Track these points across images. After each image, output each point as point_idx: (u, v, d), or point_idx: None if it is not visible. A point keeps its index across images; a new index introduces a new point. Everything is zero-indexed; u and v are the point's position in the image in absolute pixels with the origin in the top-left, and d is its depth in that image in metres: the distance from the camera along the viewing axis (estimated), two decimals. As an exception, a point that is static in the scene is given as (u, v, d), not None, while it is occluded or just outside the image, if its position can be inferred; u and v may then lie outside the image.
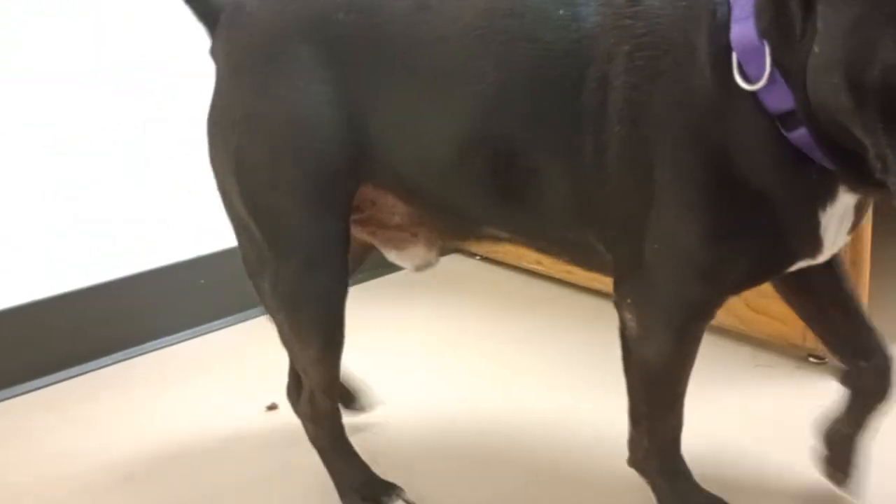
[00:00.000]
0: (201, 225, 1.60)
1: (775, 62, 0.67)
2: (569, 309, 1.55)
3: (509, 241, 0.94)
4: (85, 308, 1.49)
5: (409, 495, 1.01)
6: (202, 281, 1.60)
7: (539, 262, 1.64)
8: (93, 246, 1.50)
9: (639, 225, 0.78)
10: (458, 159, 0.84)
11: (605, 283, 1.53)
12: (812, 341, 1.26)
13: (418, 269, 1.01)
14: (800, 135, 0.68)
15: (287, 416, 1.26)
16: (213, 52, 0.96)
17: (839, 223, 0.76)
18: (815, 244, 0.76)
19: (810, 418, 0.97)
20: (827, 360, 1.26)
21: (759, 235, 0.74)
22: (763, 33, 0.68)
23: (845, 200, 0.74)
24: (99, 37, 1.47)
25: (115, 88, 1.49)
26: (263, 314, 1.68)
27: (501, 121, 0.80)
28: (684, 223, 0.76)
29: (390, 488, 1.02)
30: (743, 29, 0.69)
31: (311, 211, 0.89)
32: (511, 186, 0.83)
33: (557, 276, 1.63)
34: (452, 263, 1.71)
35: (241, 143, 0.91)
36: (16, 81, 1.41)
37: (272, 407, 1.28)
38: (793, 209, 0.73)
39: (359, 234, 0.99)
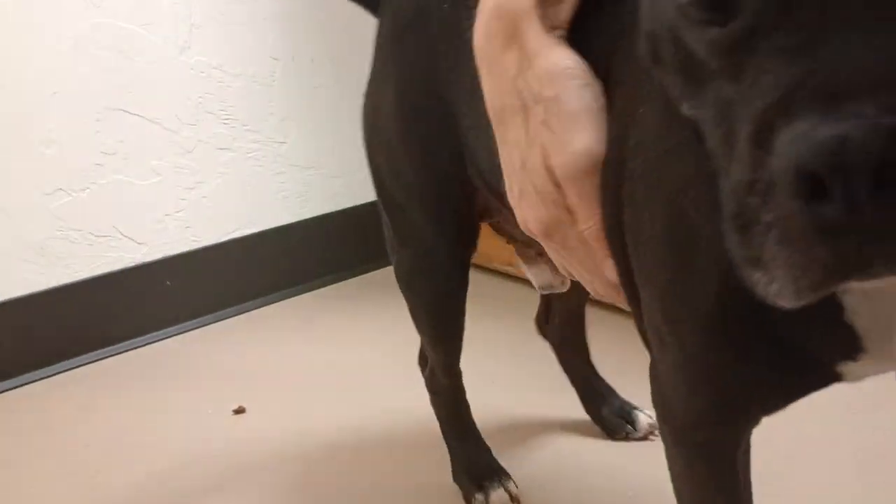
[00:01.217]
0: (168, 227, 1.59)
1: None
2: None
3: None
4: (44, 312, 1.47)
5: (513, 486, 1.02)
6: (168, 283, 1.58)
7: (510, 264, 1.63)
8: (42, 249, 1.48)
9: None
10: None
11: (576, 284, 1.54)
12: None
13: (542, 289, 0.96)
14: None
15: (254, 420, 1.25)
16: None
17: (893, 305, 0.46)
18: (848, 341, 0.48)
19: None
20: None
21: (758, 339, 0.50)
22: None
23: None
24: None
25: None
26: (231, 316, 1.68)
27: None
28: (652, 303, 0.56)
29: (496, 473, 1.03)
30: None
31: (425, 207, 0.88)
32: None
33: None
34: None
35: (368, 131, 0.92)
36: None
37: (239, 410, 1.27)
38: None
39: (500, 235, 0.97)
